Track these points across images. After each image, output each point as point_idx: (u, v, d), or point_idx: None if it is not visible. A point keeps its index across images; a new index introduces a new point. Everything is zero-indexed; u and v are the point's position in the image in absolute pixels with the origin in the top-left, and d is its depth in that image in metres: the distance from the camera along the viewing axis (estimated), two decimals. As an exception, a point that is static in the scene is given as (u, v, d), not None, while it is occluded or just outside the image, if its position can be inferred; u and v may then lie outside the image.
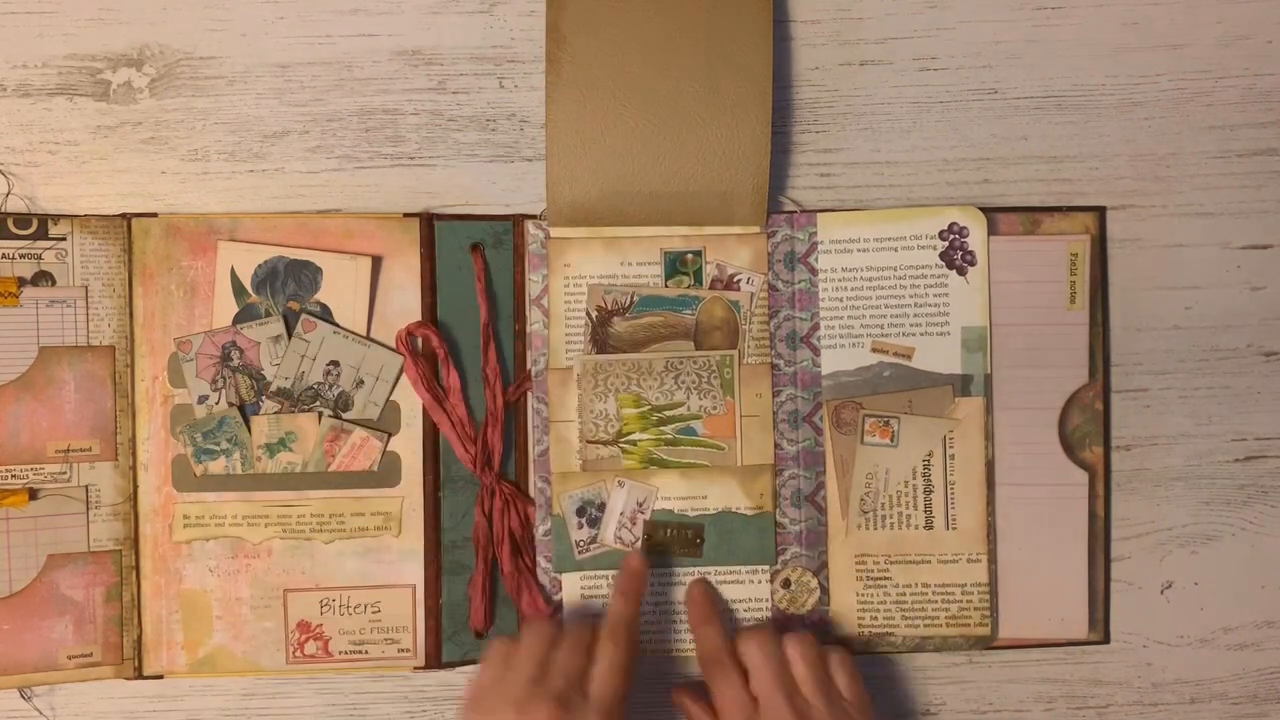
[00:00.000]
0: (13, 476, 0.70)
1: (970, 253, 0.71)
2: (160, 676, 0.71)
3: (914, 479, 0.72)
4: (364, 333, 0.71)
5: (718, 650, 0.67)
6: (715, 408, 0.71)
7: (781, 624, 0.72)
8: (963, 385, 0.72)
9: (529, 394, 0.72)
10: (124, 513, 0.71)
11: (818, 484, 0.72)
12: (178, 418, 0.70)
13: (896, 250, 0.71)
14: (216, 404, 0.71)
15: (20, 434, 0.70)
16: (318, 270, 0.71)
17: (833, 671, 0.67)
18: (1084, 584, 0.73)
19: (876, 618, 0.72)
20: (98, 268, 0.70)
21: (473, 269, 0.71)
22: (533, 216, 0.72)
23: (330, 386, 0.71)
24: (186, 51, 0.72)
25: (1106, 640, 0.73)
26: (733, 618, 0.72)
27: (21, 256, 0.70)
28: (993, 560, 0.72)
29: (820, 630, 0.72)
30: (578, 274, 0.71)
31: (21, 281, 0.70)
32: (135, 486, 0.71)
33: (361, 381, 0.71)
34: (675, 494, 0.71)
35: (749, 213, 0.70)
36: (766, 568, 0.72)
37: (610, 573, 0.72)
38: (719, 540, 0.71)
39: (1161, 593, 0.74)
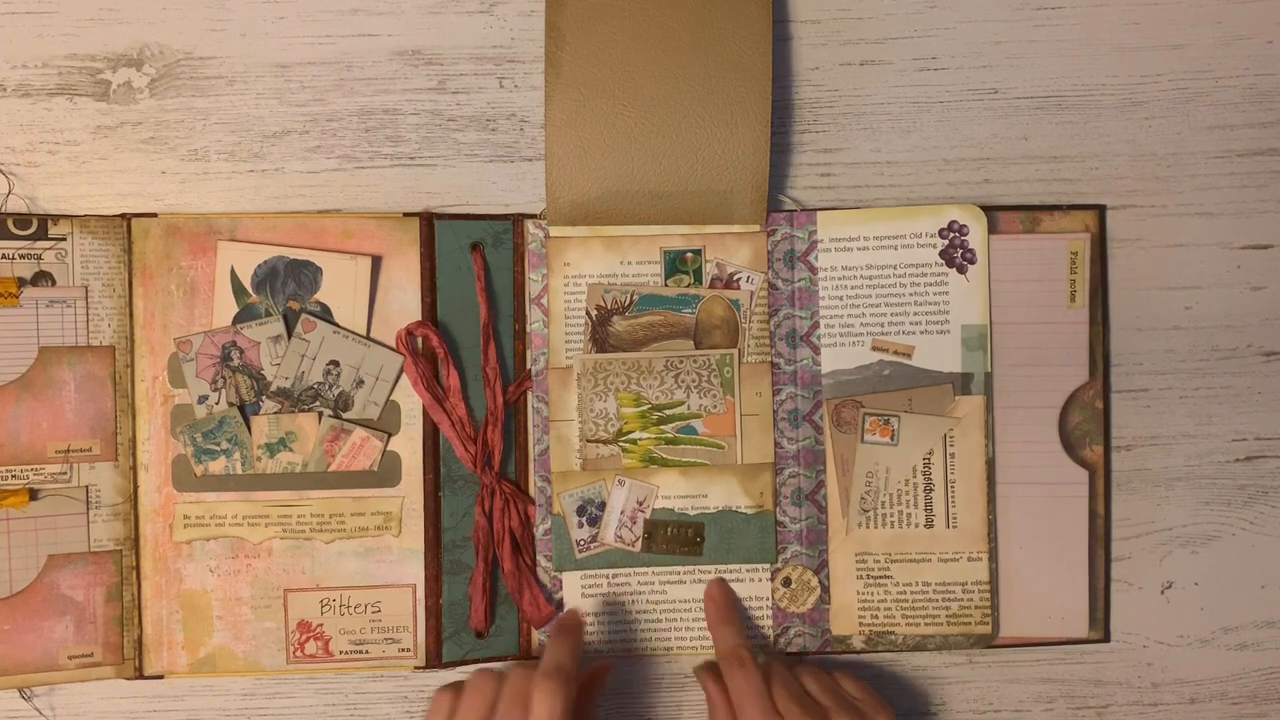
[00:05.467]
0: (13, 477, 0.70)
1: (970, 251, 0.71)
2: (161, 677, 0.71)
3: (914, 477, 0.72)
4: (364, 332, 0.71)
5: (738, 648, 0.68)
6: (715, 406, 0.71)
7: (781, 621, 0.72)
8: (963, 384, 0.72)
9: (529, 393, 0.72)
10: (124, 513, 0.71)
11: (818, 483, 0.72)
12: (178, 418, 0.70)
13: (896, 248, 0.71)
14: (216, 404, 0.71)
15: (20, 434, 0.70)
16: (318, 270, 0.71)
17: (840, 682, 0.68)
18: (1084, 583, 0.73)
19: (877, 616, 0.72)
20: (98, 268, 0.70)
21: (473, 268, 0.71)
22: (532, 216, 0.72)
23: (330, 386, 0.71)
24: (186, 51, 0.72)
25: (1107, 639, 0.73)
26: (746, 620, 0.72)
27: (21, 257, 0.70)
28: (993, 559, 0.72)
29: (819, 628, 0.72)
30: (577, 273, 0.71)
31: (21, 282, 0.70)
32: (135, 487, 0.71)
33: (361, 381, 0.71)
34: (675, 492, 0.71)
35: (749, 211, 0.70)
36: (767, 566, 0.72)
37: (611, 571, 0.72)
38: (719, 539, 0.71)
39: (1161, 593, 0.74)
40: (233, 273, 0.70)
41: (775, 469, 0.72)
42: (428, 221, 0.71)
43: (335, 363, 0.71)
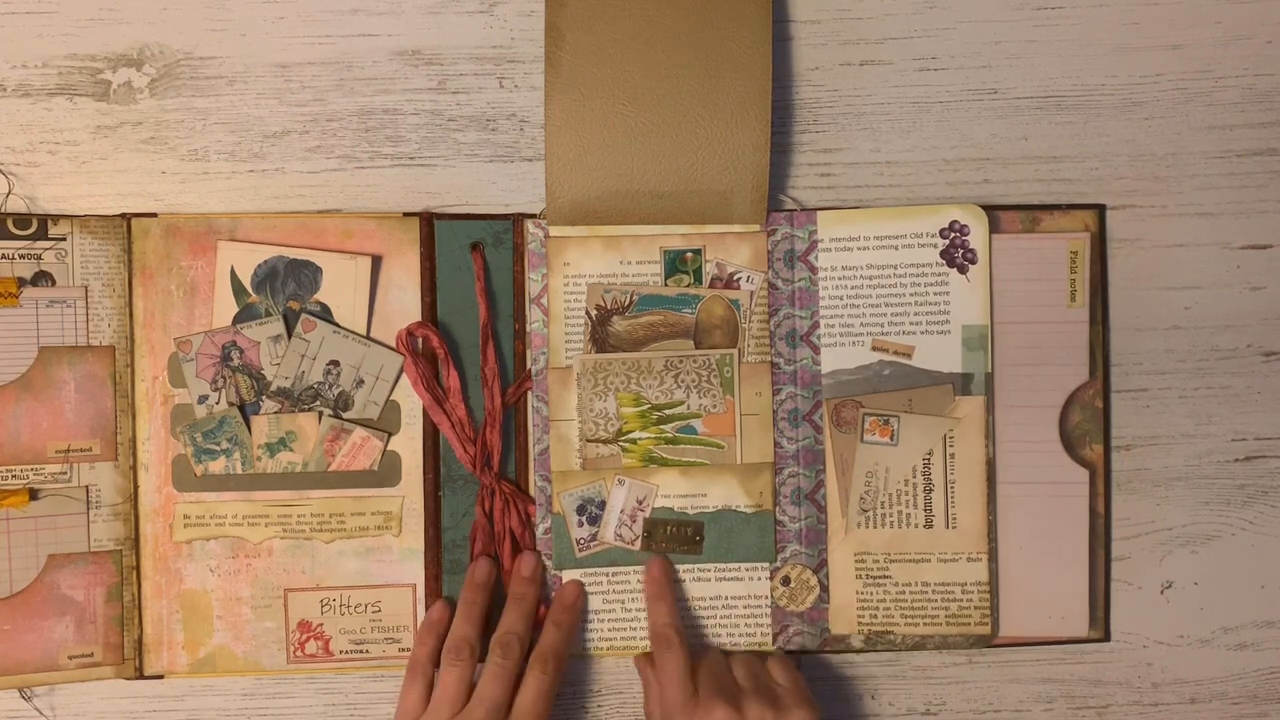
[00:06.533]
0: (13, 477, 0.70)
1: (971, 251, 0.71)
2: (161, 677, 0.71)
3: (914, 477, 0.72)
4: (364, 332, 0.71)
5: (665, 627, 0.69)
6: (715, 406, 0.71)
7: (780, 619, 0.72)
8: (963, 384, 0.72)
9: (529, 393, 0.72)
10: (124, 513, 0.71)
11: (817, 482, 0.72)
12: (178, 418, 0.70)
13: (897, 248, 0.71)
14: (216, 404, 0.71)
15: (20, 434, 0.70)
16: (318, 270, 0.71)
17: (772, 669, 0.69)
18: (1084, 583, 0.73)
19: (876, 616, 0.72)
20: (98, 268, 0.70)
21: (473, 269, 0.71)
22: (532, 216, 0.72)
23: (330, 386, 0.71)
24: (186, 51, 0.72)
25: (1107, 639, 0.73)
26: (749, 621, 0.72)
27: (21, 256, 0.70)
28: (993, 559, 0.72)
29: (818, 627, 0.72)
30: (577, 273, 0.71)
31: (21, 281, 0.70)
32: (135, 486, 0.71)
33: (361, 381, 0.71)
34: (675, 492, 0.71)
35: (749, 211, 0.70)
36: (766, 565, 0.72)
37: (611, 569, 0.72)
38: (719, 538, 0.71)
39: (1161, 592, 0.74)
40: (233, 273, 0.71)
41: (775, 468, 0.72)
42: (428, 221, 0.71)
43: (335, 363, 0.71)
